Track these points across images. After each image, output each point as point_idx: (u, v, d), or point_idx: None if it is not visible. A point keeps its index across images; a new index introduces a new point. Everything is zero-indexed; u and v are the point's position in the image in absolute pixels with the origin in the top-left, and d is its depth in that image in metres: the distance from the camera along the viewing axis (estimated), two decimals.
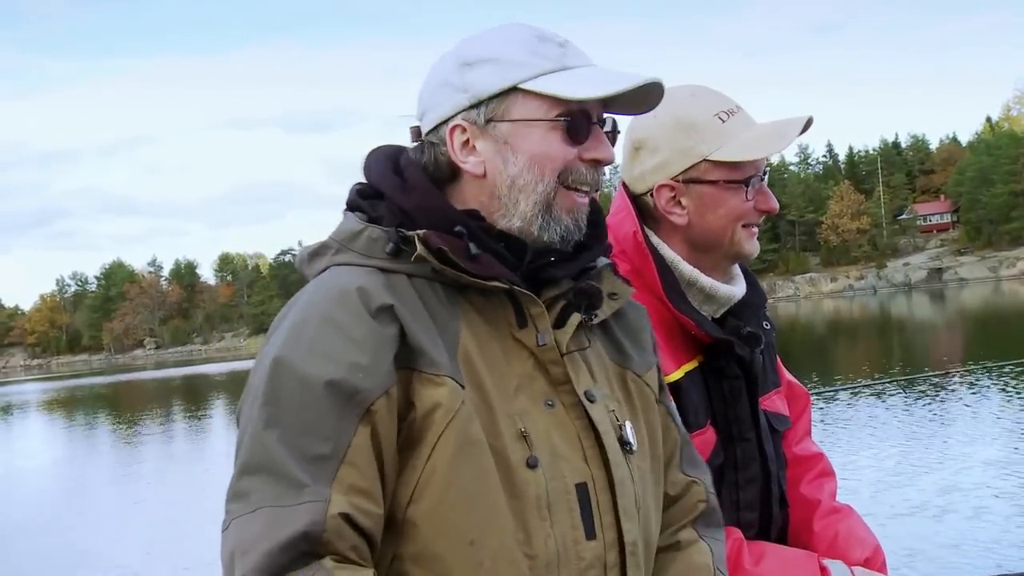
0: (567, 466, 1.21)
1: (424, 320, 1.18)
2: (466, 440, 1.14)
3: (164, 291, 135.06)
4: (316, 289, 1.21)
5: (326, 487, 1.09)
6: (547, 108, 1.24)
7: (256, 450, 1.12)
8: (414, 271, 1.21)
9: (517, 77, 1.24)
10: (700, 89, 1.76)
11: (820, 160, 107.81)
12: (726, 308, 1.78)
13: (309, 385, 1.12)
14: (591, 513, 1.21)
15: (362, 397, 1.12)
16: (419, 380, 1.15)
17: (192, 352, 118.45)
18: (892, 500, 7.75)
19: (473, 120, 1.25)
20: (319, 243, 1.28)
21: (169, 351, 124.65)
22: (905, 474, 8.71)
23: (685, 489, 1.42)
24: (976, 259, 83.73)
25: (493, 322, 1.24)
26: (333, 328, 1.15)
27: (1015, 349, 17.83)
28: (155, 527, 9.63)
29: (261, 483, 1.10)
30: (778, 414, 1.87)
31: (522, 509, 1.16)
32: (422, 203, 1.24)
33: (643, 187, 1.76)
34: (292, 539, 1.06)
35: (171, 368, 66.06)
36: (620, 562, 1.22)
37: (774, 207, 1.75)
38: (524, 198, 1.25)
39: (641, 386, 1.37)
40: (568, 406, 1.24)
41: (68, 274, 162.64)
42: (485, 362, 1.20)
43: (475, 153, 1.26)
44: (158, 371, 63.13)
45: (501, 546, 1.14)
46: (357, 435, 1.11)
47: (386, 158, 1.32)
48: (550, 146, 1.25)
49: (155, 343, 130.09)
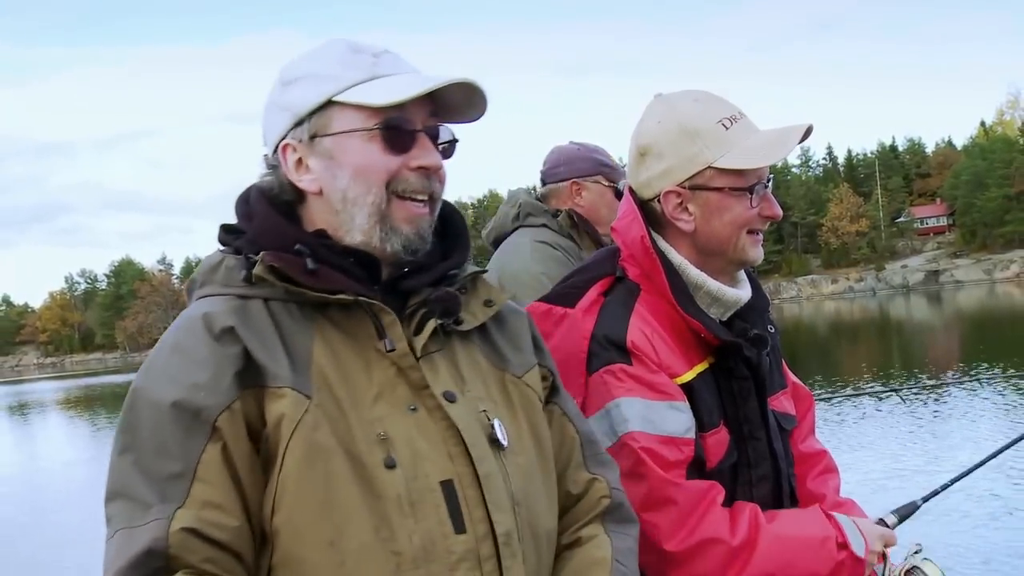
0: (431, 465, 1.23)
1: (270, 339, 1.22)
2: (313, 447, 1.17)
3: (176, 289, 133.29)
4: (173, 324, 1.27)
5: (175, 504, 1.12)
6: (364, 118, 1.27)
7: (114, 477, 1.17)
8: (270, 295, 1.25)
9: (330, 90, 1.28)
10: (703, 95, 1.77)
11: (820, 163, 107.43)
12: (733, 311, 1.81)
13: (158, 408, 1.17)
14: (459, 508, 1.23)
15: (206, 415, 1.16)
16: (267, 396, 1.19)
17: None
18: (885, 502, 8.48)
19: (299, 138, 1.30)
20: (190, 279, 1.34)
21: None
22: (899, 475, 8.84)
23: (587, 486, 1.45)
24: (972, 262, 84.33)
25: (353, 335, 1.27)
26: (179, 354, 1.21)
27: (1010, 351, 18.17)
28: None
29: (118, 508, 1.15)
30: (786, 414, 1.92)
31: (383, 508, 1.19)
32: (262, 227, 1.29)
33: (650, 193, 1.77)
34: (138, 557, 1.10)
35: None
36: (495, 553, 1.24)
37: (778, 214, 1.76)
38: (358, 211, 1.29)
39: (521, 387, 1.41)
40: (431, 409, 1.27)
41: (77, 271, 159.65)
42: (340, 374, 1.24)
43: (308, 171, 1.30)
44: None
45: (361, 545, 1.17)
46: (206, 452, 1.15)
47: (245, 194, 1.37)
48: (370, 156, 1.27)
49: None
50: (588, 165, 3.02)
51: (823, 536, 1.71)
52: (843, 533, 1.73)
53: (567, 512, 1.44)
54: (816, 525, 1.74)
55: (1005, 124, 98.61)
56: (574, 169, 3.02)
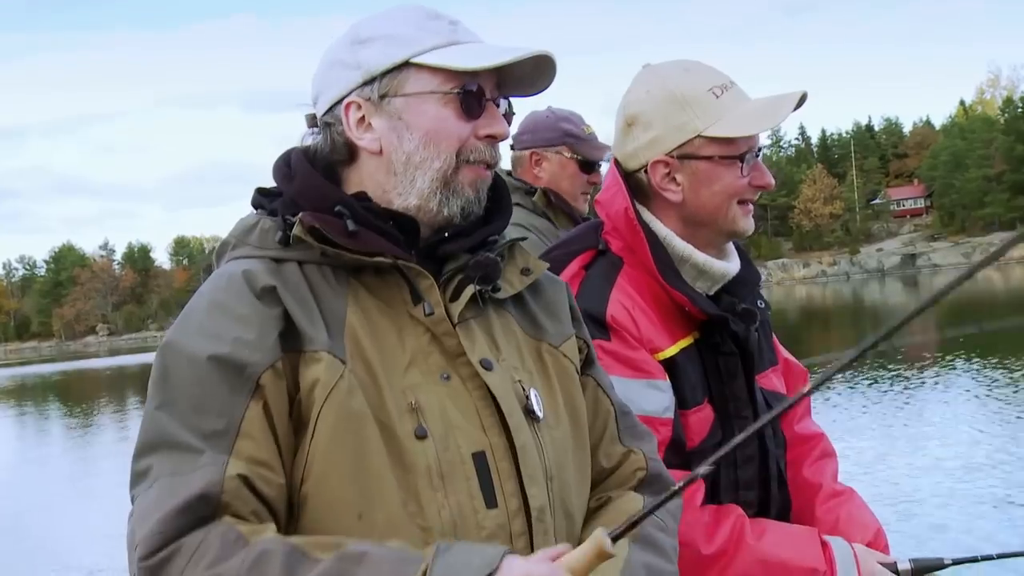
0: (462, 436, 1.21)
1: (307, 302, 1.21)
2: (346, 413, 1.15)
3: (117, 276, 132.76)
4: (208, 281, 1.26)
5: (224, 454, 1.10)
6: (439, 81, 1.27)
7: (152, 430, 1.14)
8: (305, 258, 1.25)
9: (409, 52, 1.27)
10: (693, 64, 1.75)
11: (792, 143, 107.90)
12: (720, 285, 1.78)
13: (196, 362, 1.14)
14: (491, 482, 1.20)
15: (250, 371, 1.14)
16: (303, 360, 1.17)
17: (147, 339, 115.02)
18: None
19: (367, 96, 1.29)
20: (221, 241, 1.33)
21: (123, 338, 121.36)
22: (880, 459, 8.45)
23: (622, 459, 1.42)
24: (950, 245, 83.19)
25: (387, 300, 1.26)
26: (219, 310, 1.19)
27: (989, 338, 17.32)
28: (112, 523, 8.00)
29: (158, 459, 1.11)
30: (775, 392, 1.85)
31: (413, 481, 1.16)
32: (303, 187, 1.28)
33: (636, 164, 1.75)
34: (189, 501, 1.07)
35: (125, 355, 63.44)
36: (527, 530, 1.21)
37: (769, 183, 1.75)
38: (421, 175, 1.28)
39: (558, 357, 1.38)
40: (466, 377, 1.25)
41: (15, 257, 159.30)
42: (373, 339, 1.22)
43: (371, 130, 1.29)
44: (112, 358, 60.72)
45: (389, 519, 1.14)
46: (249, 409, 1.13)
47: (285, 155, 1.35)
48: (445, 122, 1.27)
49: (108, 329, 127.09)
50: (553, 135, 2.97)
51: (811, 568, 1.64)
52: (834, 569, 1.64)
53: (598, 485, 1.42)
54: (807, 553, 1.66)
55: (985, 103, 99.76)
56: (537, 138, 2.99)
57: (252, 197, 1.35)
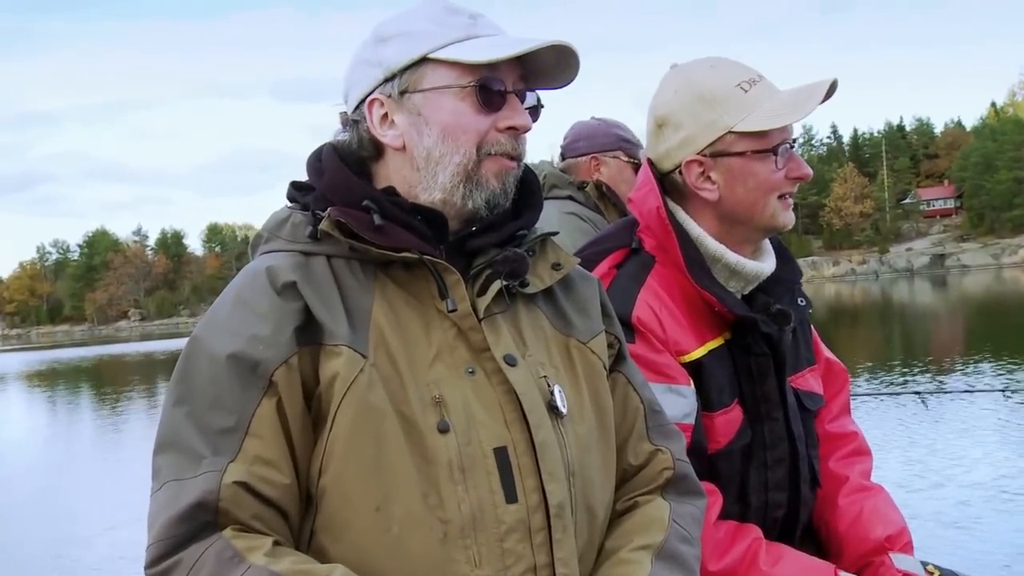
0: (484, 431, 1.21)
1: (330, 296, 1.22)
2: (366, 407, 1.16)
3: (150, 261, 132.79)
4: (238, 275, 1.28)
5: (227, 458, 1.12)
6: (456, 76, 1.27)
7: (166, 428, 1.17)
8: (333, 252, 1.26)
9: (426, 47, 1.27)
10: (720, 60, 1.73)
11: (824, 142, 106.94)
12: (755, 285, 1.76)
13: (215, 360, 1.17)
14: (512, 477, 1.20)
15: (263, 369, 1.16)
16: (323, 353, 1.18)
17: (179, 325, 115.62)
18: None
19: (388, 93, 1.30)
20: (256, 234, 1.34)
21: (155, 323, 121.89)
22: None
23: (650, 457, 1.41)
24: (979, 246, 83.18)
25: (416, 294, 1.27)
26: (241, 306, 1.21)
27: (1016, 342, 16.82)
28: (139, 504, 7.94)
29: (168, 460, 1.15)
30: (810, 392, 1.83)
31: (434, 474, 1.17)
32: (332, 183, 1.29)
33: (670, 164, 1.74)
34: (188, 509, 1.10)
35: (156, 341, 63.72)
36: (547, 525, 1.20)
37: (807, 174, 1.71)
38: (442, 170, 1.28)
39: (586, 353, 1.38)
40: (490, 372, 1.25)
41: (49, 241, 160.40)
42: (399, 333, 1.23)
43: (393, 127, 1.30)
44: (142, 343, 60.90)
45: (408, 511, 1.15)
46: (261, 407, 1.15)
47: (317, 151, 1.37)
48: (462, 116, 1.27)
49: (140, 315, 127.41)
50: (608, 140, 3.04)
51: None
52: None
53: (624, 483, 1.41)
54: None
55: (1016, 105, 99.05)
56: (594, 144, 3.04)
57: (287, 191, 1.37)
